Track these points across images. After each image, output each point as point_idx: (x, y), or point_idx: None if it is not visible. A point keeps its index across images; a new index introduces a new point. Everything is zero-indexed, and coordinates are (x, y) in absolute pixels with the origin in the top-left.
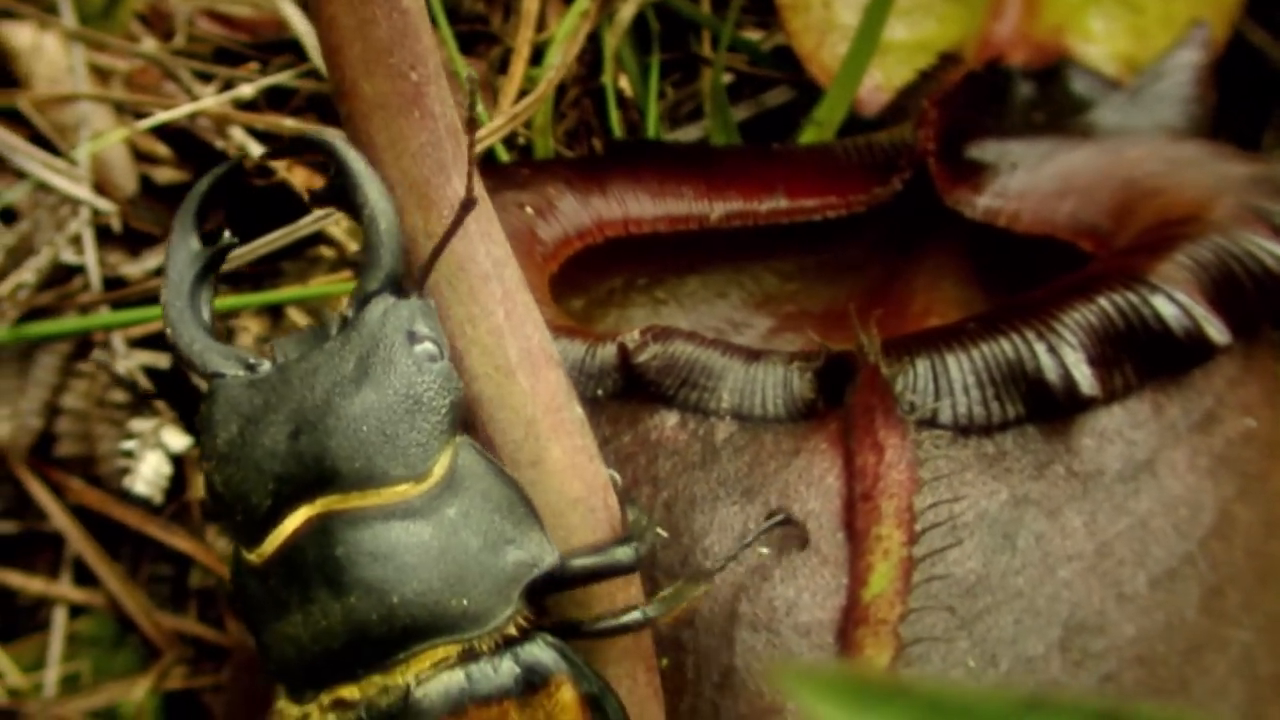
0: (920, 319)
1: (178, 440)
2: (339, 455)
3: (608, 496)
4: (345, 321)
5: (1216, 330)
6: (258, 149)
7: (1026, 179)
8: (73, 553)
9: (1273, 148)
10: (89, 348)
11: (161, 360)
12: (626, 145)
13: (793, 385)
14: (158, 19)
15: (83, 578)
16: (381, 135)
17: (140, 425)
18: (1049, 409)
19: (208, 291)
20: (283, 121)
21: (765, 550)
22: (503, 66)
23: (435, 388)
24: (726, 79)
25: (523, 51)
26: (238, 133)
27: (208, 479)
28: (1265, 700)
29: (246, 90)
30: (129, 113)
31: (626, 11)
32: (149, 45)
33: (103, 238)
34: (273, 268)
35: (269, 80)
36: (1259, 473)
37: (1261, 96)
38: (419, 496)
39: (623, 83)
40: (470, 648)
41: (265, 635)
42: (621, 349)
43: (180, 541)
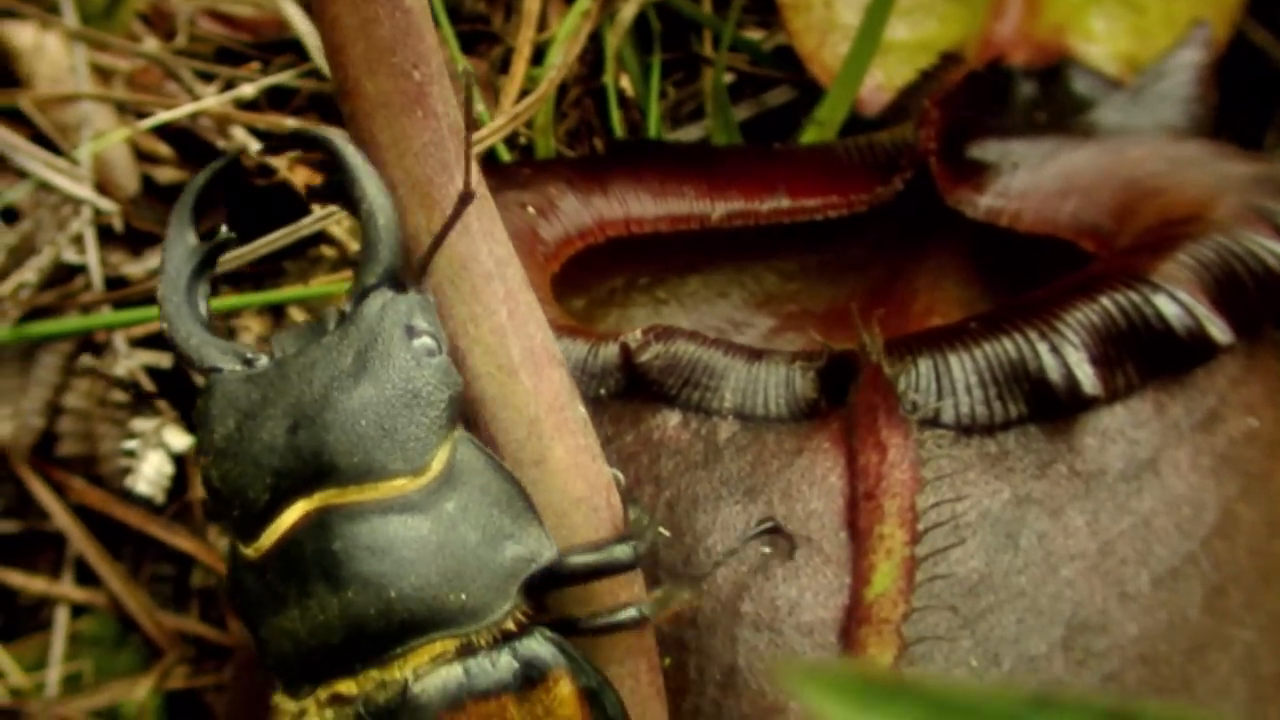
0: (922, 319)
1: (179, 440)
2: (337, 449)
3: (610, 496)
4: (343, 316)
5: (1219, 330)
6: (259, 149)
7: (1028, 179)
8: (74, 552)
9: (1274, 147)
10: (91, 348)
11: (163, 360)
12: (628, 145)
13: (795, 385)
14: (159, 19)
15: (84, 577)
16: (384, 134)
17: (142, 425)
18: (1051, 408)
19: (205, 286)
20: (284, 121)
21: (767, 550)
22: (504, 66)
23: (433, 382)
24: (728, 79)
25: (524, 51)
26: (239, 132)
27: (204, 474)
28: (1268, 699)
29: (248, 90)
30: (131, 112)
31: (628, 11)
32: (151, 45)
33: (104, 237)
34: (274, 267)
35: (270, 80)
36: (1261, 472)
37: (1263, 96)
38: (417, 491)
39: (624, 82)
40: (468, 642)
41: (262, 630)
42: (624, 348)
43: (182, 541)
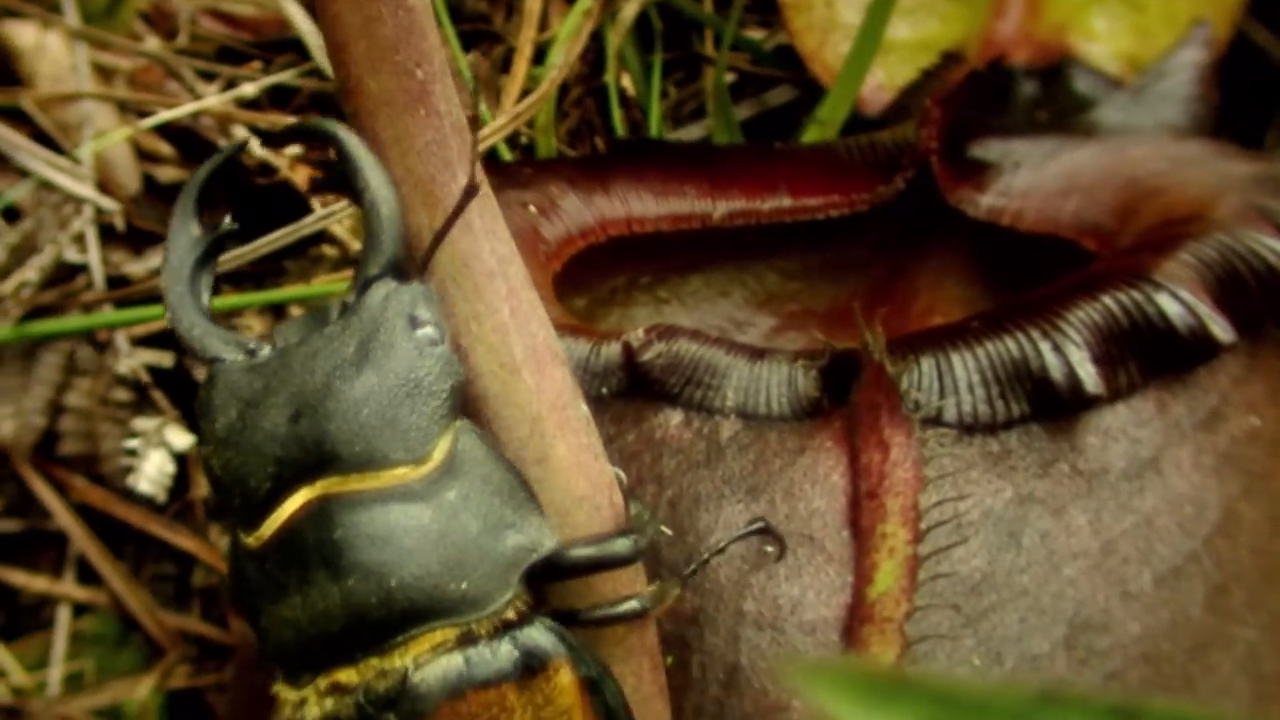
0: (923, 318)
1: (181, 439)
2: (338, 438)
3: (613, 494)
4: (346, 306)
5: (1221, 329)
6: (262, 149)
7: (1030, 178)
8: (76, 551)
9: (1275, 147)
10: (93, 346)
11: (165, 359)
12: (629, 144)
13: (797, 383)
14: (161, 18)
15: (86, 576)
16: (387, 132)
17: (144, 424)
18: (1054, 407)
19: (208, 277)
20: (285, 120)
21: (770, 549)
22: (505, 65)
23: (436, 372)
24: (729, 78)
25: (525, 50)
26: (240, 131)
27: (206, 463)
28: (1271, 698)
29: (249, 89)
30: (132, 111)
31: (629, 10)
32: (152, 44)
33: (106, 236)
34: (275, 266)
35: (271, 79)
36: (1264, 471)
37: (1264, 96)
38: (418, 480)
39: (625, 82)
40: (469, 631)
41: (262, 619)
42: (626, 347)
43: (183, 540)
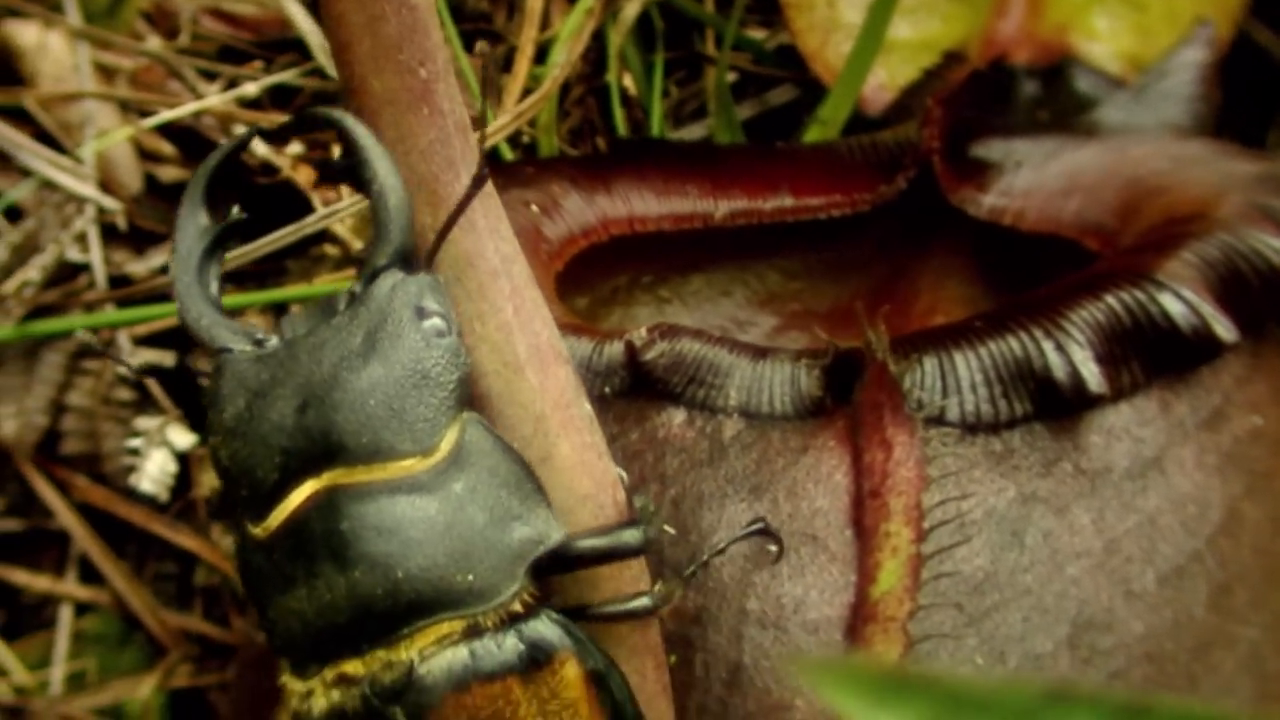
0: (925, 317)
1: (183, 438)
2: (346, 429)
3: (616, 493)
4: (353, 297)
5: (1224, 328)
6: (263, 148)
7: (1031, 177)
8: (78, 550)
9: (1277, 146)
10: (91, 346)
11: (167, 358)
12: (631, 144)
13: (800, 383)
14: (162, 17)
15: (88, 575)
16: (390, 131)
17: (146, 423)
18: (1057, 407)
19: (216, 267)
20: (279, 123)
21: (773, 548)
22: (507, 65)
23: (443, 363)
24: (731, 78)
25: (527, 50)
26: (242, 131)
27: (214, 454)
28: (1274, 697)
29: (251, 89)
30: (134, 111)
31: (631, 10)
32: (154, 44)
33: (108, 236)
34: (277, 266)
35: (273, 79)
36: (1267, 470)
37: (1265, 96)
38: (425, 471)
39: (627, 81)
40: (475, 624)
41: (270, 610)
42: (629, 346)
43: (185, 539)
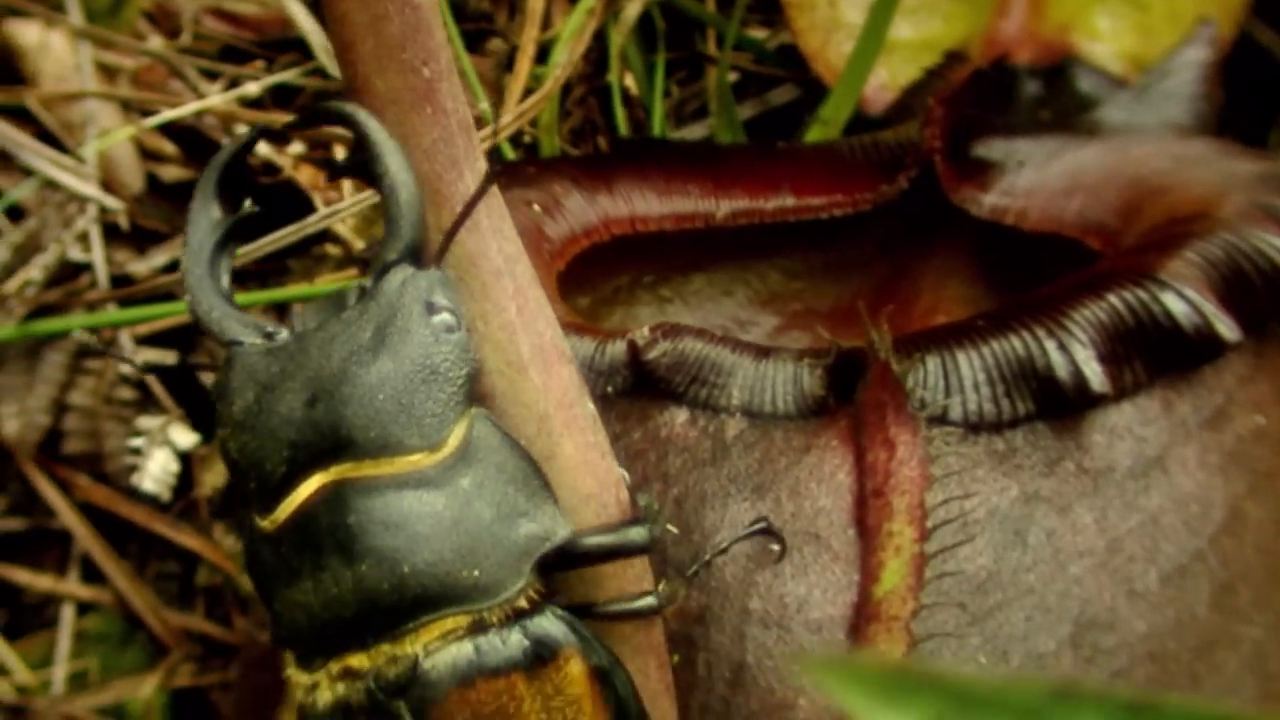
0: (927, 317)
1: (185, 438)
2: (354, 423)
3: (620, 492)
4: (364, 291)
5: (1227, 327)
6: (265, 147)
7: (1033, 177)
8: (80, 550)
9: (1279, 146)
10: (91, 346)
11: (169, 358)
12: (632, 143)
13: (803, 382)
14: (164, 17)
15: (90, 575)
16: (393, 131)
17: (148, 423)
18: (1059, 406)
19: (227, 260)
20: (285, 122)
21: (776, 547)
22: (508, 65)
23: (452, 358)
24: (732, 77)
25: (528, 50)
26: (244, 131)
27: (223, 446)
28: (1277, 696)
29: (252, 88)
30: (135, 110)
31: (632, 10)
32: (155, 43)
33: (110, 235)
34: (279, 265)
35: (275, 78)
36: (1269, 470)
37: (1267, 95)
38: (433, 466)
39: (628, 81)
40: (480, 619)
41: (276, 602)
42: (631, 346)
43: (187, 539)
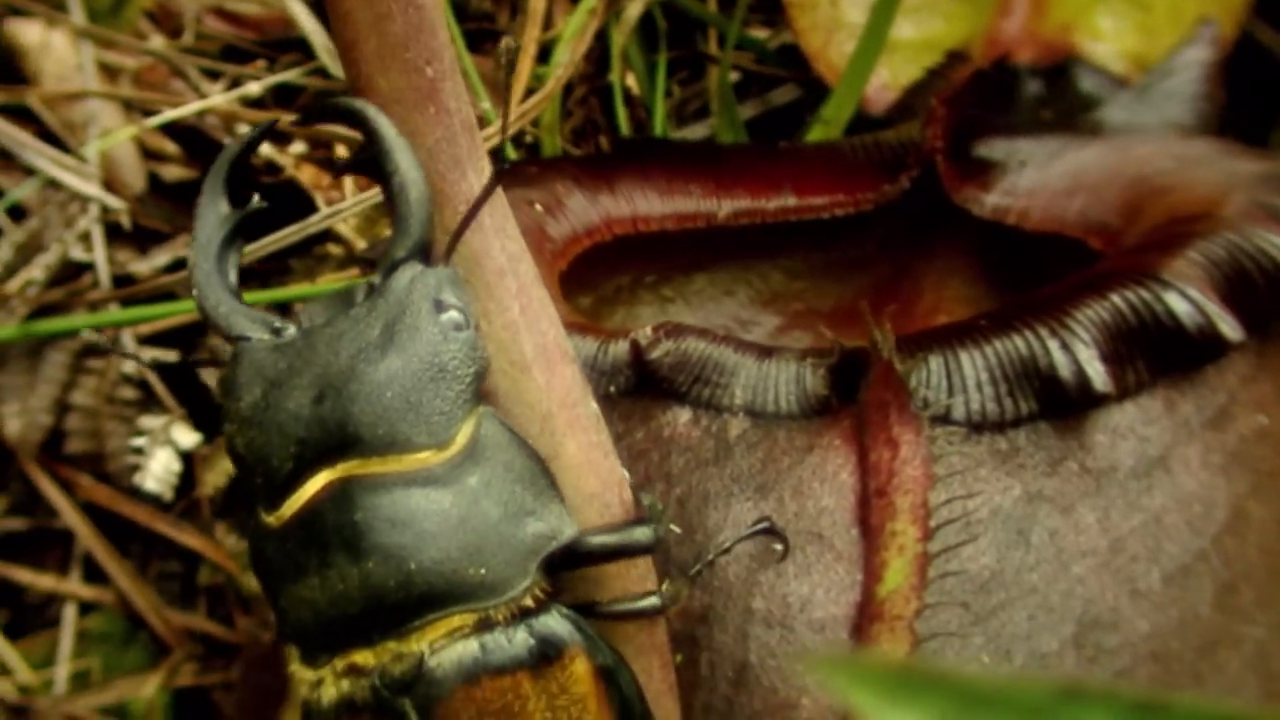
0: (928, 317)
1: (187, 437)
2: (361, 421)
3: (623, 492)
4: (372, 288)
5: (1229, 327)
6: (267, 147)
7: (1035, 176)
8: (82, 550)
9: None
10: (97, 345)
11: (171, 357)
12: (634, 143)
13: (806, 381)
14: (166, 17)
15: (92, 575)
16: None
17: (150, 422)
18: (1062, 405)
19: (235, 256)
20: (290, 119)
21: (779, 547)
22: (510, 65)
23: (460, 356)
24: (733, 77)
25: (530, 50)
26: (246, 130)
27: (229, 441)
28: (1279, 696)
29: (254, 88)
30: (137, 110)
31: (633, 10)
32: (157, 43)
33: (112, 235)
34: (280, 265)
35: (276, 78)
36: (1272, 470)
37: (1269, 95)
38: (440, 464)
39: (630, 81)
40: (486, 617)
41: (282, 598)
42: (634, 345)
43: (189, 539)
